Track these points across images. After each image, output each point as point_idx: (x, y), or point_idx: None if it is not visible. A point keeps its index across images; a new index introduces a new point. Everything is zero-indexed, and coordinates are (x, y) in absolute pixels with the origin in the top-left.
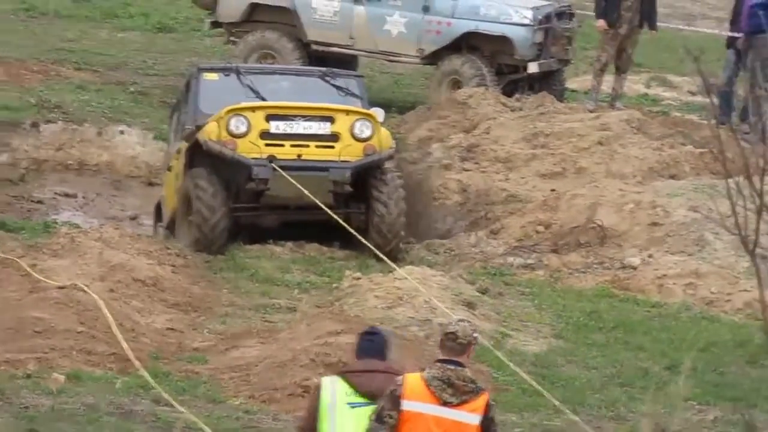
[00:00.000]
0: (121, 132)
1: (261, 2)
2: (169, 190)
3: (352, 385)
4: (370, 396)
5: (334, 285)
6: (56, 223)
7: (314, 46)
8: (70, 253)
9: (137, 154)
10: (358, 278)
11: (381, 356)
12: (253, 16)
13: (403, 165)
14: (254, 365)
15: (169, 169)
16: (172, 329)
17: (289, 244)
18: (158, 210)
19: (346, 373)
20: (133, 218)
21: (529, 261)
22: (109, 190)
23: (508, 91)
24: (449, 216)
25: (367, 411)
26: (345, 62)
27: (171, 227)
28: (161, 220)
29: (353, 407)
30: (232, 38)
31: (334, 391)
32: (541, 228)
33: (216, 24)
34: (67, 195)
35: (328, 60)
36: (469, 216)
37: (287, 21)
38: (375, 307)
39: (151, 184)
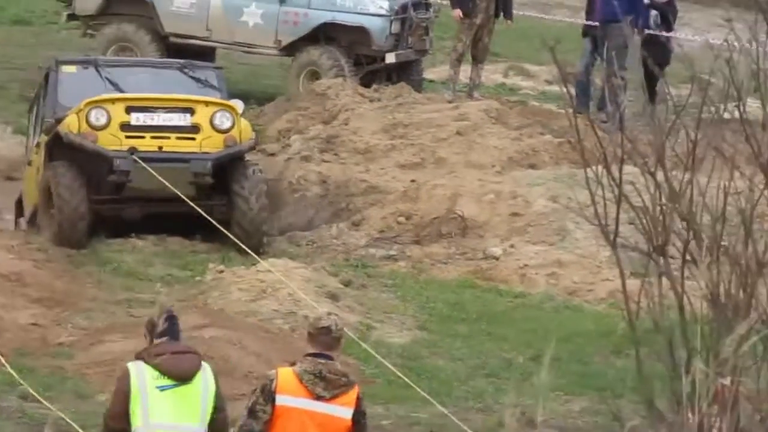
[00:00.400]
0: None
1: None
2: (29, 185)
3: (157, 368)
4: (179, 378)
5: (198, 278)
6: None
7: (172, 39)
8: None
9: None
10: (221, 271)
11: (179, 337)
12: (109, 9)
13: (263, 157)
14: (120, 360)
15: (30, 163)
16: (35, 324)
17: (152, 237)
18: (20, 204)
19: (150, 357)
20: None
21: (392, 252)
22: None
23: (367, 82)
24: (310, 208)
25: (178, 392)
26: (203, 54)
27: (33, 221)
28: (23, 214)
29: (163, 390)
30: (89, 31)
31: (143, 376)
32: (402, 219)
33: (73, 17)
34: None
35: (186, 52)
36: (330, 208)
37: (144, 13)
38: (239, 300)
39: (10, 178)
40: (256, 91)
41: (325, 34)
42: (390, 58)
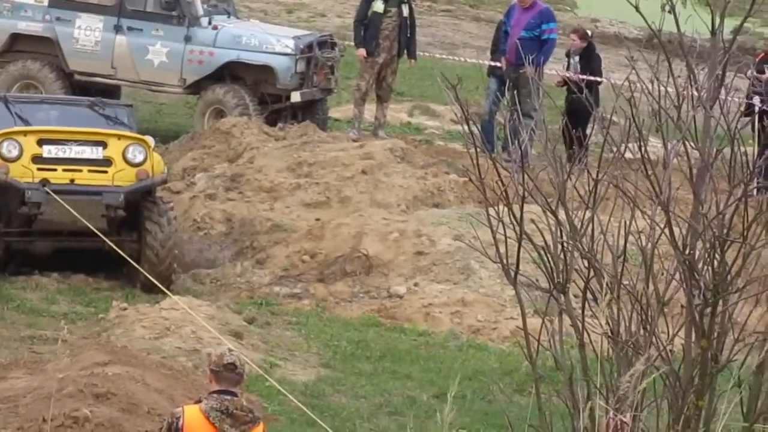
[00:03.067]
0: None
1: (22, 32)
2: None
3: None
4: None
5: (101, 315)
6: None
7: (77, 76)
8: None
9: None
10: (125, 308)
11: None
12: (14, 46)
13: (168, 194)
14: (22, 396)
15: None
16: None
17: (55, 274)
18: None
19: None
20: None
21: (296, 290)
22: None
23: (272, 121)
24: (214, 245)
25: None
26: (108, 92)
27: None
28: None
29: None
30: None
31: None
32: (306, 257)
33: None
34: None
35: (90, 90)
36: (234, 246)
37: (49, 51)
38: (142, 338)
39: None
40: (162, 129)
41: (230, 72)
42: (295, 97)
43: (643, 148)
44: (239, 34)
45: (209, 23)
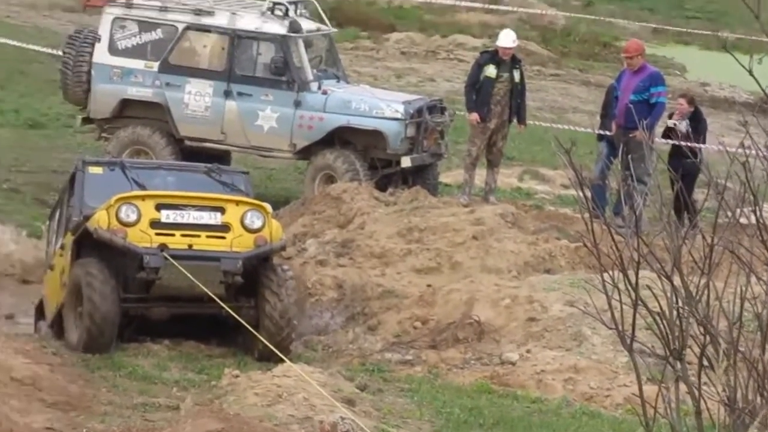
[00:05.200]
0: None
1: (132, 98)
2: (50, 289)
3: None
4: None
5: (213, 382)
6: None
7: (187, 142)
8: None
9: (11, 252)
10: (237, 375)
11: None
12: (124, 112)
13: (278, 260)
14: None
15: (51, 267)
16: (51, 429)
17: (166, 341)
18: (40, 309)
19: None
20: (9, 317)
21: (408, 357)
22: None
23: (382, 186)
24: (326, 312)
25: None
26: (217, 157)
27: (54, 326)
28: (44, 318)
29: None
30: (104, 134)
31: None
32: (418, 324)
33: (88, 120)
34: None
35: (200, 155)
36: (345, 312)
37: (159, 116)
38: (255, 405)
39: (25, 282)
40: (272, 195)
41: (340, 137)
42: (405, 162)
43: (757, 213)
44: (349, 99)
45: (319, 88)
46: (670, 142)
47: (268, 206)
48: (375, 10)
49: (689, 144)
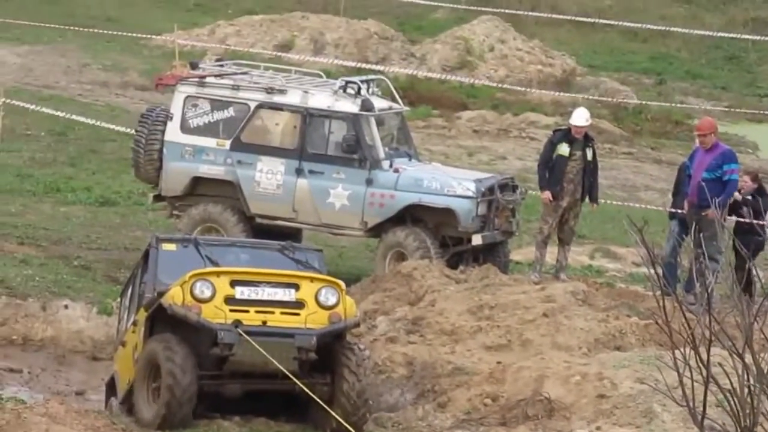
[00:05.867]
0: (65, 306)
1: (204, 176)
2: (122, 365)
3: None
4: None
5: None
6: (1, 398)
7: (258, 219)
8: (15, 429)
9: (82, 329)
10: None
11: None
12: (196, 190)
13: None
14: None
15: (123, 344)
16: None
17: (237, 418)
18: (111, 386)
19: None
20: (79, 393)
21: None
22: (54, 365)
23: (453, 263)
24: (396, 389)
25: None
26: (289, 235)
27: (125, 402)
28: (115, 395)
29: None
30: (175, 212)
31: None
32: (488, 401)
33: (159, 197)
34: (11, 370)
35: (271, 233)
36: (415, 389)
37: (230, 194)
38: None
39: (96, 358)
40: (343, 272)
41: (411, 215)
42: (476, 240)
43: None
44: (420, 177)
45: (390, 166)
46: (735, 218)
47: (342, 283)
48: (447, 88)
49: (755, 221)
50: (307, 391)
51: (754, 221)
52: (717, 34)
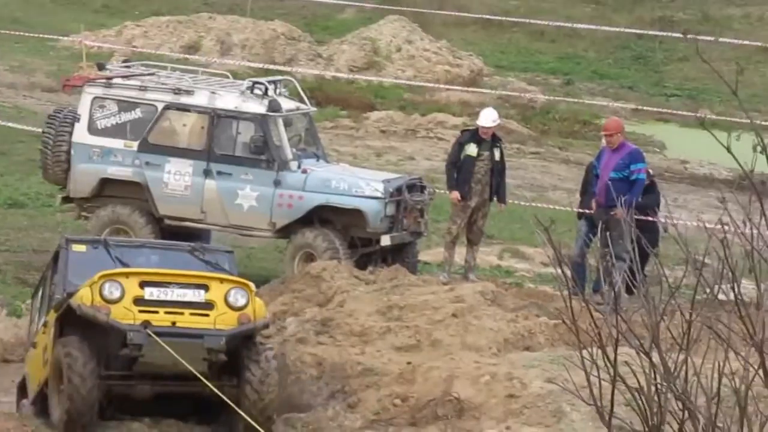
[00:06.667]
0: None
1: (112, 177)
2: (33, 367)
3: None
4: None
5: None
6: None
7: (167, 221)
8: None
9: None
10: None
11: None
12: (104, 191)
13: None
14: None
15: (34, 345)
16: None
17: (147, 419)
18: (22, 387)
19: None
20: None
21: None
22: None
23: (362, 264)
24: (306, 390)
25: None
26: (197, 236)
27: (36, 404)
28: (26, 396)
29: None
30: (83, 213)
31: None
32: (398, 401)
33: (67, 199)
34: None
35: (180, 234)
36: (325, 390)
37: (138, 196)
38: None
39: (5, 360)
40: (251, 274)
41: (320, 216)
42: (385, 241)
43: (736, 290)
44: (329, 178)
45: (299, 167)
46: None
47: (251, 284)
48: (354, 88)
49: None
50: (216, 391)
51: (649, 218)
52: (624, 30)
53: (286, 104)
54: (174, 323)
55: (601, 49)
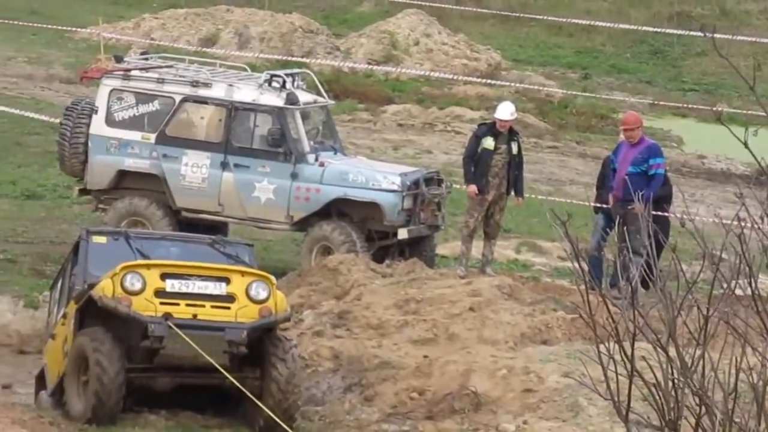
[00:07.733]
0: None
1: (129, 169)
2: (52, 358)
3: None
4: None
5: None
6: None
7: (184, 213)
8: None
9: (8, 323)
10: None
11: None
12: (121, 183)
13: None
14: None
15: (53, 337)
16: None
17: (164, 411)
18: (40, 379)
19: None
20: (6, 387)
21: (404, 428)
22: None
23: (379, 257)
24: (322, 383)
25: None
26: (215, 228)
27: (55, 395)
28: (44, 388)
29: None
30: (100, 205)
31: None
32: (414, 395)
33: (85, 191)
34: None
35: (197, 226)
36: (342, 383)
37: (156, 188)
38: None
39: (23, 352)
40: (269, 266)
41: (337, 209)
42: (402, 234)
43: (753, 285)
44: (346, 171)
45: (316, 160)
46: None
47: (272, 278)
48: (372, 82)
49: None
50: (237, 384)
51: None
52: (641, 28)
53: (304, 97)
54: (195, 315)
55: (618, 44)
